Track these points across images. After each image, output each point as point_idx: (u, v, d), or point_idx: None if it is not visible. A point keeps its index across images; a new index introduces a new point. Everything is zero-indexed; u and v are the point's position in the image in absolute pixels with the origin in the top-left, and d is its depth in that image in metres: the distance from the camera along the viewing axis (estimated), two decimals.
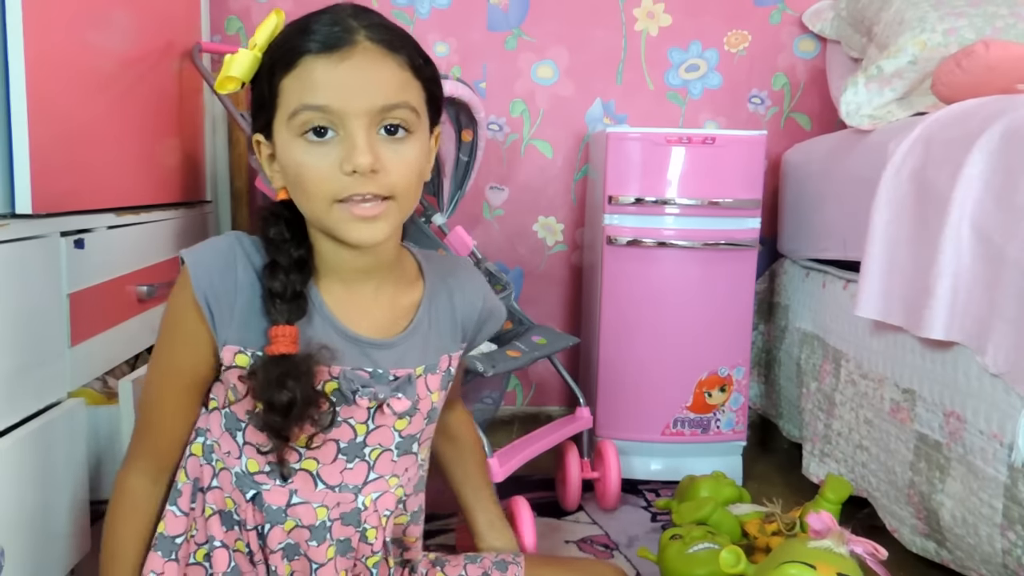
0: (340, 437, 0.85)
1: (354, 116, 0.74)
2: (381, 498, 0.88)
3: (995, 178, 1.12)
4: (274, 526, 0.83)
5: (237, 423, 0.84)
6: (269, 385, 0.77)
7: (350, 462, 0.86)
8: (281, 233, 0.81)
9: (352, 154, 0.73)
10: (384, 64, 0.76)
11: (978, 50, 1.39)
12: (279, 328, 0.78)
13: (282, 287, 0.79)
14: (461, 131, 1.77)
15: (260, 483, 0.84)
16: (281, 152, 0.78)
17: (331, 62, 0.74)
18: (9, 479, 0.87)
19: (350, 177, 0.74)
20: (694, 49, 2.12)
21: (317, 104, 0.74)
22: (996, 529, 1.05)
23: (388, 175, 0.75)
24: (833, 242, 1.70)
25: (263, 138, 0.81)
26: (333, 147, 0.75)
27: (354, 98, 0.74)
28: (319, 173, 0.75)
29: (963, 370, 1.16)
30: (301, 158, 0.75)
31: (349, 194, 0.75)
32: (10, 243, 0.89)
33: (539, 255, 2.16)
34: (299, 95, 0.75)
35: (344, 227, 0.76)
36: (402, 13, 2.05)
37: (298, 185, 0.77)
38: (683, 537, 1.27)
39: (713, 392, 1.81)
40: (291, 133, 0.76)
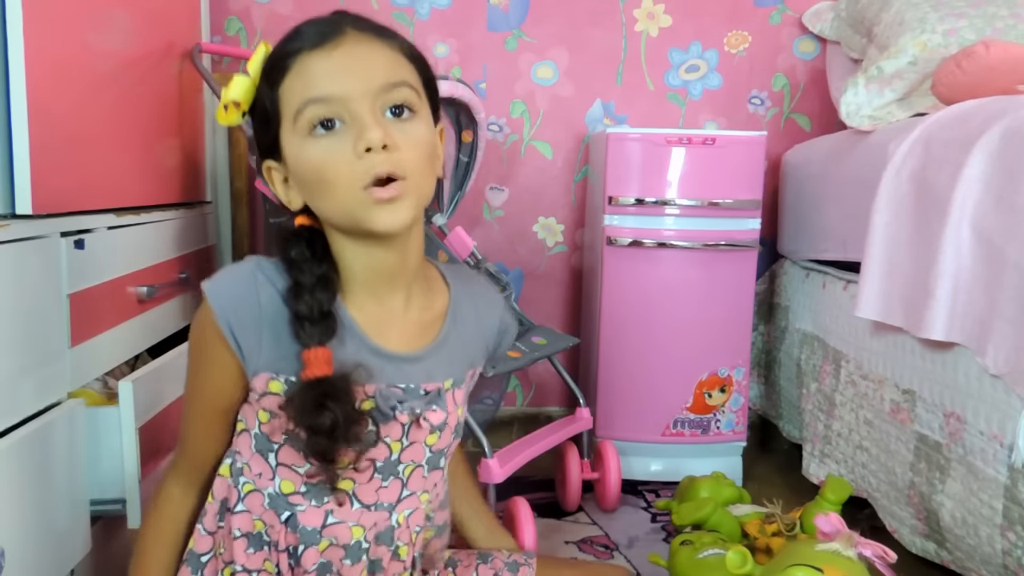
0: (377, 456, 0.84)
1: (357, 99, 0.74)
2: (413, 515, 0.88)
3: (995, 179, 1.12)
4: (308, 547, 0.82)
5: (269, 444, 0.83)
6: (309, 410, 0.75)
7: (385, 480, 0.85)
8: (302, 253, 0.80)
9: (363, 132, 0.73)
10: (375, 47, 0.77)
11: (978, 51, 1.39)
12: (312, 351, 0.76)
13: (308, 308, 0.77)
14: (461, 132, 1.77)
15: (295, 504, 0.83)
16: (295, 161, 0.77)
17: (324, 52, 0.75)
18: (9, 480, 0.87)
19: (366, 159, 0.73)
20: (694, 50, 2.12)
21: (319, 95, 0.74)
22: (996, 530, 1.05)
23: (399, 152, 0.74)
24: (833, 243, 1.70)
25: (274, 162, 0.81)
26: (343, 135, 0.74)
27: (353, 81, 0.74)
28: (338, 162, 0.74)
29: (963, 371, 1.16)
30: (316, 155, 0.75)
31: (370, 177, 0.73)
32: (10, 243, 0.89)
33: (539, 256, 2.16)
34: (301, 92, 0.75)
35: (370, 215, 0.74)
36: (402, 14, 2.05)
37: (320, 183, 0.75)
38: (693, 543, 1.27)
39: (713, 393, 1.81)
40: (300, 134, 0.75)
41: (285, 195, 0.81)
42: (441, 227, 1.85)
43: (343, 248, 0.81)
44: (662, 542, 1.53)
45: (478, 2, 2.07)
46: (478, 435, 1.43)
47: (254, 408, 0.82)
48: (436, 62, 2.06)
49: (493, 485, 1.42)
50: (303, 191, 0.79)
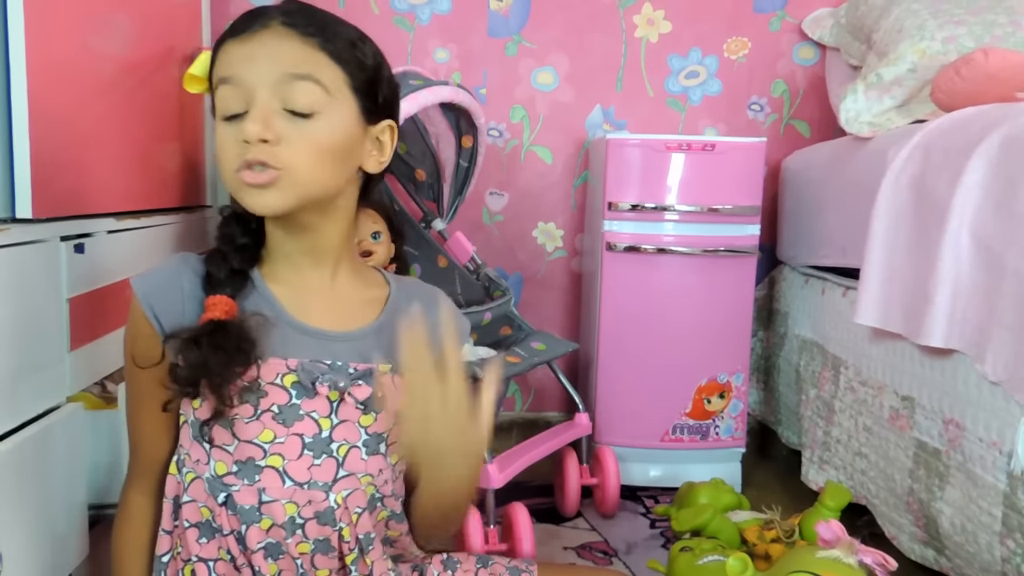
0: (304, 431, 0.84)
1: (257, 87, 0.78)
2: (351, 495, 0.87)
3: (994, 186, 1.12)
4: (250, 526, 0.83)
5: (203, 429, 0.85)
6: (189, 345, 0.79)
7: (317, 458, 0.85)
8: (230, 228, 0.86)
9: (244, 124, 0.77)
10: (290, 41, 0.79)
11: (977, 58, 1.39)
12: (212, 296, 0.81)
13: (217, 268, 0.83)
14: (461, 137, 1.77)
15: (230, 484, 0.83)
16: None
17: (240, 40, 0.79)
18: (8, 483, 0.87)
19: (242, 146, 0.78)
20: (694, 56, 2.12)
21: (225, 76, 0.79)
22: (995, 537, 1.05)
23: (280, 146, 0.78)
24: (832, 249, 1.70)
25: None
26: (239, 122, 0.79)
27: (256, 68, 0.78)
28: (224, 147, 0.79)
29: (962, 378, 1.16)
30: (219, 138, 0.80)
31: (241, 162, 0.78)
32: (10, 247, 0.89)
33: (538, 261, 2.16)
34: (216, 73, 0.81)
35: (241, 194, 0.80)
36: (403, 19, 2.05)
37: (218, 164, 0.81)
38: (692, 549, 1.27)
39: (712, 399, 1.81)
40: (219, 117, 0.81)
41: None
42: (441, 232, 1.86)
43: (267, 223, 0.87)
44: (661, 548, 1.52)
45: (479, 8, 2.07)
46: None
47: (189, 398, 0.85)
48: (436, 67, 2.07)
49: (492, 490, 1.41)
50: None
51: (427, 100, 1.52)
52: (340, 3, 2.02)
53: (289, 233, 0.86)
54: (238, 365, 0.80)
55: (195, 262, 0.86)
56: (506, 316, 1.73)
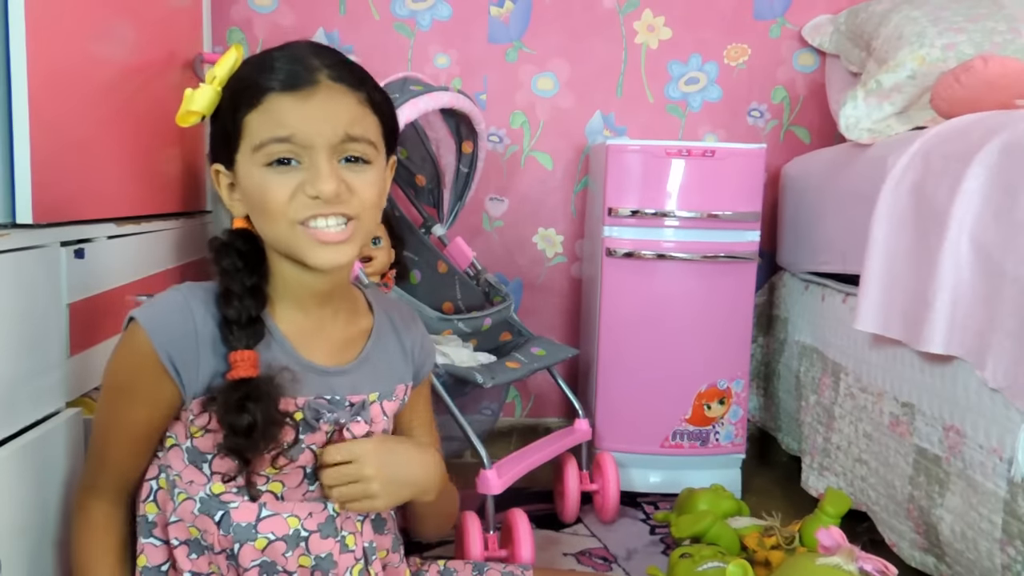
0: (305, 463, 0.87)
1: (318, 148, 0.79)
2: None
3: (994, 193, 1.12)
4: (244, 544, 0.83)
5: (202, 456, 0.85)
6: (230, 409, 0.78)
7: (312, 484, 0.88)
8: (234, 263, 0.84)
9: (316, 181, 0.78)
10: (345, 100, 0.81)
11: (977, 65, 1.39)
12: (239, 353, 0.80)
13: (237, 313, 0.81)
14: (461, 142, 1.77)
15: (227, 502, 0.84)
16: (244, 180, 0.82)
17: (296, 100, 0.79)
18: (7, 489, 0.87)
19: (309, 200, 0.79)
20: (694, 62, 2.13)
21: (283, 136, 0.78)
22: (996, 544, 1.05)
23: (353, 195, 0.81)
24: (832, 255, 1.70)
25: (223, 168, 0.85)
26: (296, 173, 0.79)
27: (318, 131, 0.79)
28: (282, 195, 0.79)
29: (962, 384, 1.16)
30: (264, 185, 0.80)
31: (310, 214, 0.79)
32: (10, 253, 0.89)
33: (538, 266, 2.16)
34: (266, 130, 0.79)
35: (308, 250, 0.80)
36: (403, 25, 2.05)
37: (262, 208, 0.80)
38: (692, 556, 1.27)
39: (712, 405, 1.80)
40: (256, 163, 0.80)
41: (229, 200, 0.86)
42: (440, 237, 1.86)
43: (278, 263, 0.86)
44: (661, 554, 1.52)
45: (479, 14, 2.08)
46: (477, 446, 1.42)
47: (184, 424, 0.85)
48: (437, 73, 2.07)
49: (491, 496, 1.41)
50: (248, 206, 0.84)
51: (427, 106, 1.52)
52: (341, 10, 2.02)
53: (314, 276, 0.85)
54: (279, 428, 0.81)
55: (202, 299, 0.83)
56: (506, 322, 1.73)
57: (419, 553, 1.33)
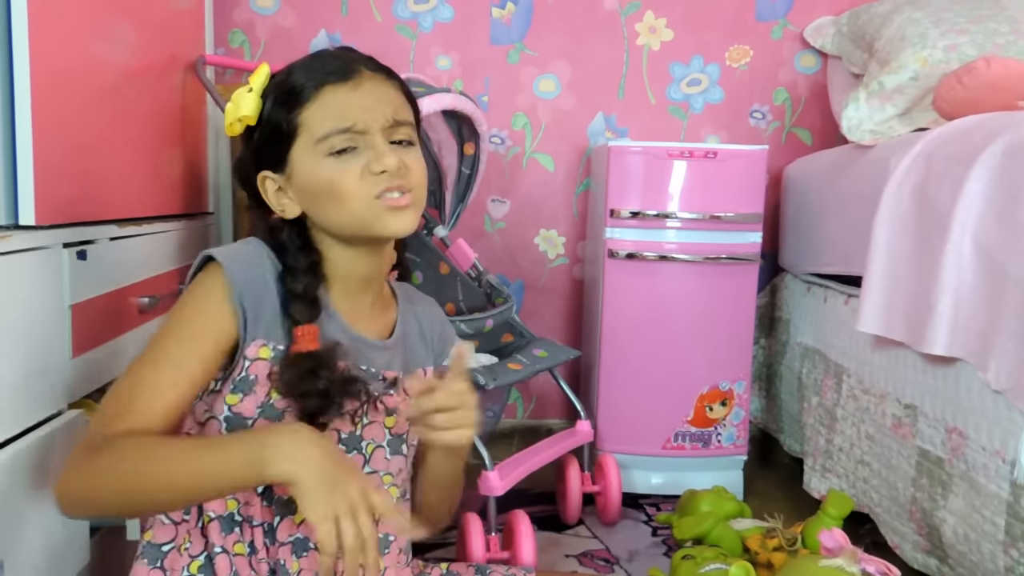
0: (340, 428, 0.90)
1: (374, 132, 0.85)
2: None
3: (997, 195, 1.12)
4: (284, 519, 0.86)
5: (243, 422, 0.85)
6: (303, 378, 0.83)
7: (348, 453, 0.91)
8: (293, 240, 0.89)
9: (381, 158, 0.84)
10: (388, 88, 0.89)
11: (979, 67, 1.39)
12: (304, 328, 0.85)
13: (303, 288, 0.86)
14: (463, 144, 1.77)
15: None
16: (306, 174, 0.86)
17: (350, 88, 0.86)
18: (9, 491, 0.87)
19: (379, 176, 0.85)
20: (696, 64, 2.13)
21: (346, 127, 0.84)
22: (999, 546, 1.05)
23: (409, 171, 0.87)
24: (834, 257, 1.70)
25: (272, 173, 0.89)
26: (357, 158, 0.85)
27: (372, 117, 0.86)
28: (352, 179, 0.85)
29: (965, 386, 1.16)
30: (331, 173, 0.85)
31: (384, 187, 0.85)
32: (13, 254, 0.89)
33: (540, 268, 2.16)
34: (329, 121, 0.85)
35: (385, 219, 0.86)
36: (405, 27, 2.05)
37: (333, 194, 0.85)
38: (695, 557, 1.27)
39: (714, 406, 1.80)
40: (317, 155, 0.85)
41: (278, 204, 0.89)
42: (443, 239, 1.86)
43: (329, 250, 0.90)
44: (663, 556, 1.52)
45: (481, 15, 2.08)
46: (479, 447, 1.42)
47: (221, 395, 0.86)
48: (438, 75, 2.07)
49: (493, 498, 1.41)
50: (309, 201, 0.88)
51: (429, 107, 1.52)
52: (343, 11, 2.02)
53: (366, 256, 0.91)
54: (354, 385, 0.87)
55: (270, 258, 0.88)
56: (508, 323, 1.73)
57: (421, 555, 1.33)
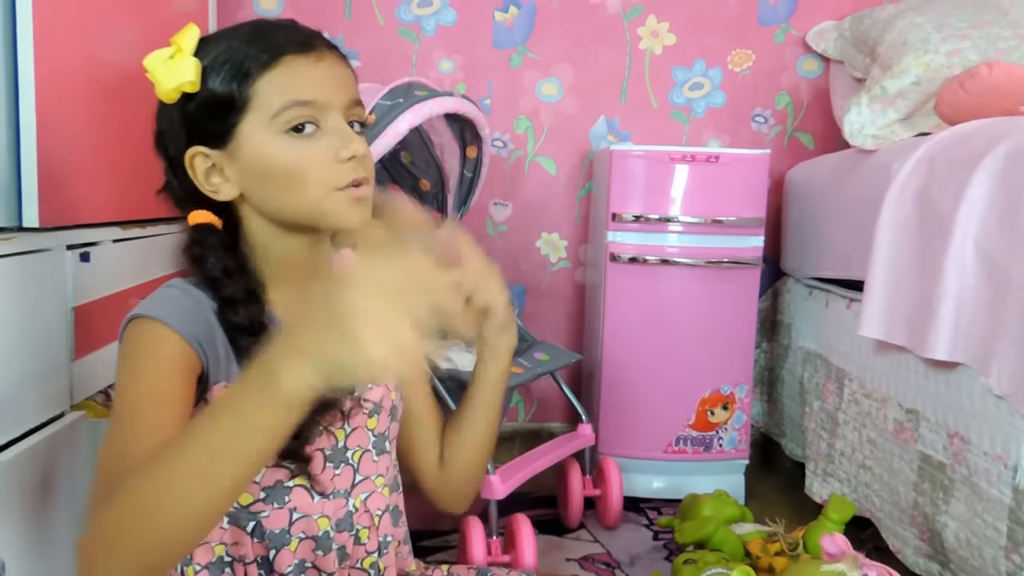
0: (323, 445, 0.85)
1: (335, 110, 0.78)
2: (370, 498, 0.88)
3: (999, 199, 1.12)
4: (280, 549, 0.82)
5: None
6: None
7: (336, 468, 0.86)
8: (225, 267, 0.79)
9: (348, 143, 0.78)
10: (344, 67, 0.82)
11: (981, 72, 1.39)
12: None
13: (247, 319, 0.77)
14: (465, 147, 1.77)
15: (258, 512, 0.82)
16: (258, 153, 0.78)
17: (311, 60, 0.78)
18: (10, 492, 0.87)
19: (346, 164, 0.78)
20: (698, 68, 2.13)
21: (306, 99, 0.77)
22: (1001, 551, 1.05)
23: (366, 159, 0.80)
24: (836, 261, 1.70)
25: (207, 149, 0.79)
26: (318, 140, 0.77)
27: (335, 92, 0.79)
28: (315, 165, 0.77)
29: (967, 391, 1.16)
30: (291, 154, 0.77)
31: (349, 180, 0.78)
32: (16, 256, 0.89)
33: (542, 271, 2.16)
34: (285, 93, 0.76)
35: (344, 211, 0.79)
36: (408, 30, 2.06)
37: (289, 181, 0.77)
38: (696, 562, 1.26)
39: (715, 410, 1.80)
40: (273, 132, 0.77)
41: (207, 183, 0.80)
42: None
43: (274, 241, 0.82)
44: (664, 560, 1.52)
45: (483, 19, 2.08)
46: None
47: None
48: (441, 78, 2.08)
49: (495, 501, 1.41)
50: (254, 182, 0.79)
51: (432, 111, 1.53)
52: (346, 14, 2.03)
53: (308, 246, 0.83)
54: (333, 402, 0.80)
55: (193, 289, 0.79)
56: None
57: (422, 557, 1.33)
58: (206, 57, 0.78)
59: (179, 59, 0.78)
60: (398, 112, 1.48)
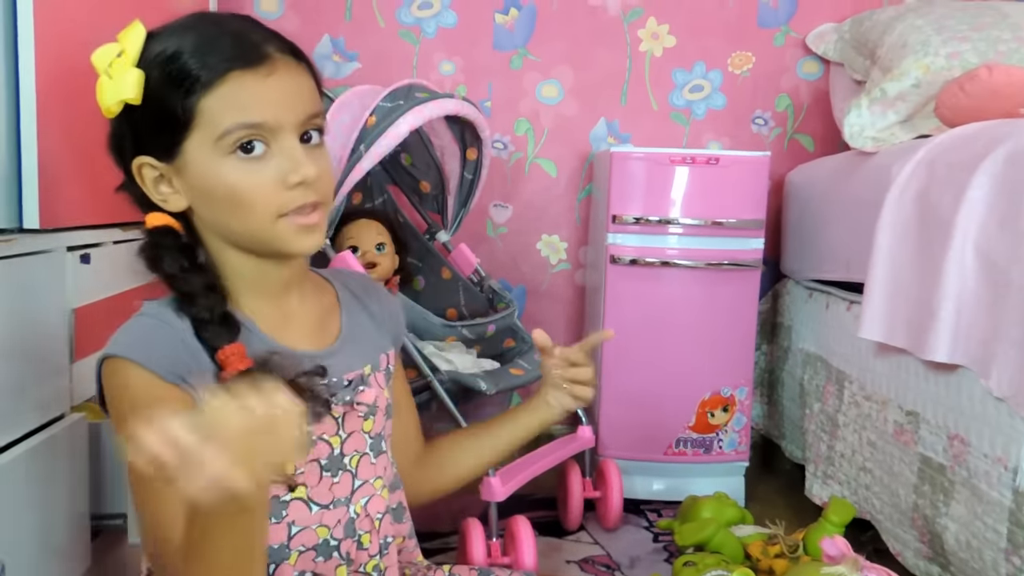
0: (319, 455, 0.84)
1: (287, 131, 0.74)
2: (370, 502, 0.88)
3: (999, 201, 1.12)
4: (280, 564, 0.81)
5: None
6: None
7: (335, 476, 0.85)
8: (179, 264, 0.77)
9: (298, 167, 0.74)
10: (300, 74, 0.77)
11: (981, 74, 1.39)
12: (226, 349, 0.74)
13: (206, 311, 0.75)
14: (466, 149, 1.77)
15: None
16: (205, 175, 0.74)
17: (258, 76, 0.73)
18: (10, 494, 0.87)
19: (293, 190, 0.74)
20: (698, 70, 2.13)
21: (253, 122, 0.73)
22: (1001, 554, 1.05)
23: (319, 181, 0.76)
24: (836, 263, 1.70)
25: (153, 160, 0.76)
26: (266, 162, 0.74)
27: (285, 112, 0.74)
28: (262, 190, 0.74)
29: (967, 393, 1.16)
30: (236, 177, 0.73)
31: (296, 206, 0.75)
32: (17, 257, 0.89)
33: (542, 273, 2.17)
34: (231, 114, 0.72)
35: (290, 239, 0.76)
36: (409, 32, 2.06)
37: (235, 203, 0.74)
38: (696, 564, 1.26)
39: (716, 412, 1.80)
40: (219, 153, 0.73)
41: (156, 193, 0.77)
42: (445, 244, 1.86)
43: (232, 257, 0.80)
44: (664, 562, 1.52)
45: (484, 21, 2.08)
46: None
47: None
48: (442, 80, 2.08)
49: (495, 503, 1.41)
50: (202, 201, 0.77)
51: (432, 113, 1.53)
52: (347, 16, 2.03)
53: (276, 266, 0.81)
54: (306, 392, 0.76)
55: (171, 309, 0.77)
56: (510, 328, 1.73)
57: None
58: (151, 65, 0.74)
59: (121, 67, 0.74)
60: (398, 114, 1.48)
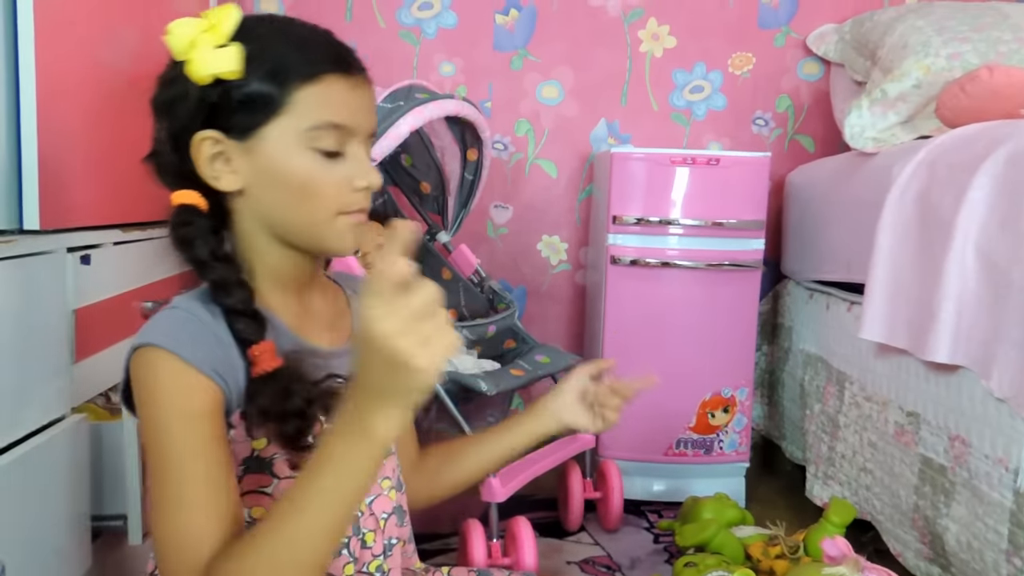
0: None
1: (360, 139, 0.79)
2: (376, 501, 0.88)
3: (1000, 202, 1.12)
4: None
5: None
6: (275, 401, 0.74)
7: None
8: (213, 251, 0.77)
9: (368, 174, 0.79)
10: (372, 92, 0.82)
11: (982, 75, 1.39)
12: (257, 347, 0.75)
13: (241, 302, 0.76)
14: (466, 150, 1.78)
15: None
16: (278, 159, 0.76)
17: (350, 84, 0.78)
18: (11, 494, 0.87)
19: (357, 193, 0.79)
20: (699, 71, 2.13)
21: (340, 123, 0.77)
22: (1002, 555, 1.04)
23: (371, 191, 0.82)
24: (837, 264, 1.70)
25: (220, 135, 0.75)
26: (339, 164, 0.78)
27: (363, 121, 0.79)
28: (332, 188, 0.77)
29: (968, 394, 1.15)
30: (311, 169, 0.76)
31: (356, 207, 0.79)
32: (17, 259, 0.89)
33: (543, 274, 2.17)
34: (322, 111, 0.76)
35: (344, 236, 0.79)
36: (409, 33, 2.06)
37: (302, 195, 0.77)
38: (697, 565, 1.26)
39: (716, 413, 1.80)
40: (301, 144, 0.76)
41: (210, 170, 0.76)
42: (445, 245, 1.86)
43: (265, 247, 0.80)
44: (664, 563, 1.52)
45: (484, 22, 2.08)
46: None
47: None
48: (442, 81, 2.08)
49: (495, 504, 1.41)
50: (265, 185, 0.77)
51: (433, 114, 1.53)
52: (347, 17, 2.03)
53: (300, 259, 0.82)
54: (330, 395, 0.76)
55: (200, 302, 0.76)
56: (510, 329, 1.73)
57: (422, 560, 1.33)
58: (245, 47, 0.74)
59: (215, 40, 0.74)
60: (399, 115, 1.49)
